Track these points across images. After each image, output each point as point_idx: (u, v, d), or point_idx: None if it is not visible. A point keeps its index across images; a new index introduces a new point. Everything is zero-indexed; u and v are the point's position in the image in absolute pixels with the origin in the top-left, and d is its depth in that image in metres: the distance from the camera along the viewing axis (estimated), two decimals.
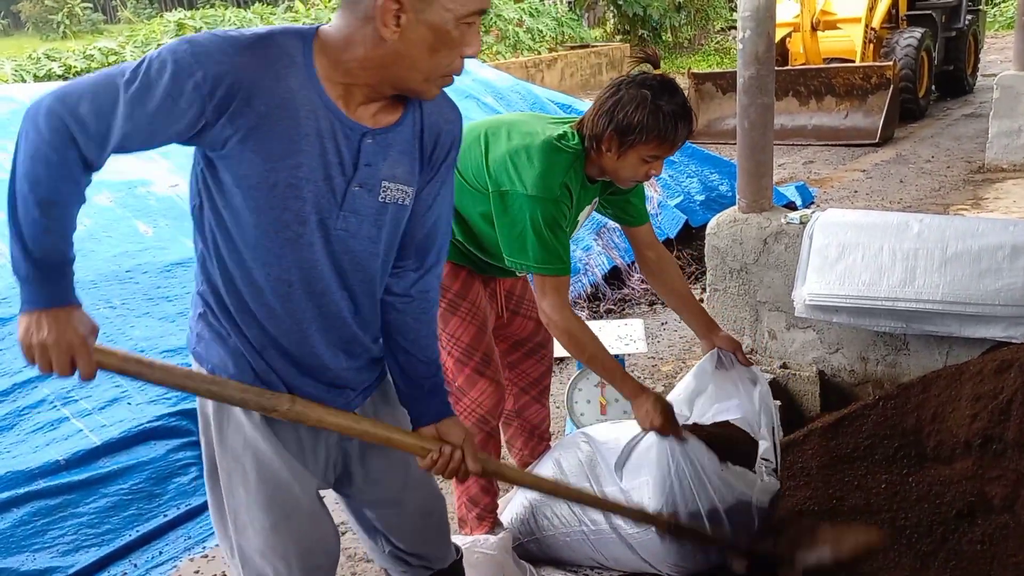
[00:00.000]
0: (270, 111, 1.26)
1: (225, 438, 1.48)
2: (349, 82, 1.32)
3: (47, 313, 1.24)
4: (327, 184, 1.34)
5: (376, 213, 1.41)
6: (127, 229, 3.88)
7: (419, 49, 1.28)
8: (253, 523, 1.49)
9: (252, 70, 1.25)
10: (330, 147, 1.32)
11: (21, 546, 2.57)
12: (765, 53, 2.91)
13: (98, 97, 1.22)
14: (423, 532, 1.73)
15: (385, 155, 1.38)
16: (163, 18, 12.51)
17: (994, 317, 2.46)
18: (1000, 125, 6.74)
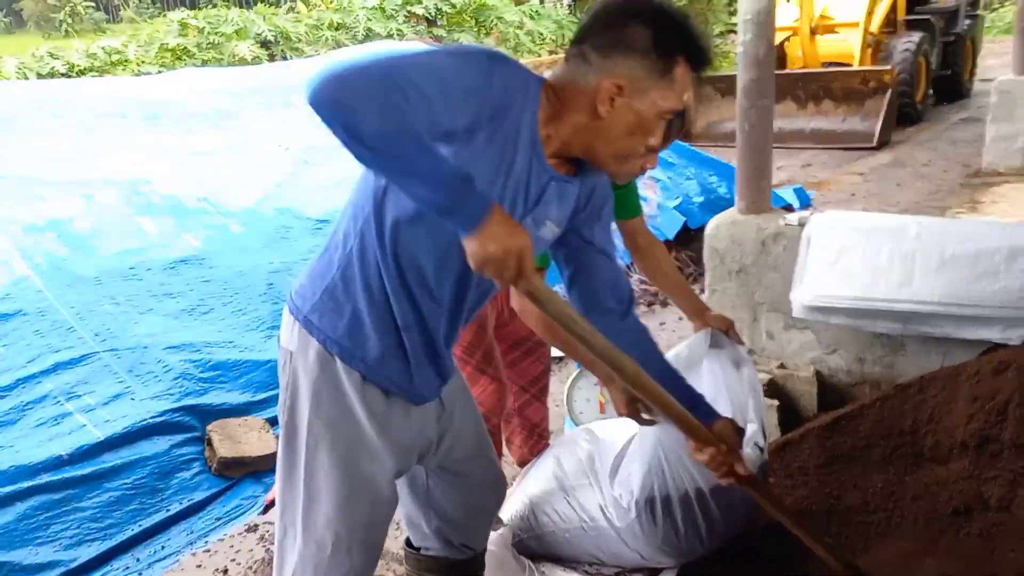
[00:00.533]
0: (507, 135, 1.37)
1: (321, 403, 1.52)
2: (551, 134, 1.45)
3: (488, 224, 1.24)
4: (511, 209, 1.44)
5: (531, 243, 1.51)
6: (131, 226, 3.92)
7: (620, 129, 1.43)
8: (329, 489, 1.54)
9: (515, 95, 1.36)
10: (523, 180, 1.44)
11: (24, 540, 2.60)
12: (765, 56, 2.94)
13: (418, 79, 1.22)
14: (481, 504, 1.81)
15: (559, 201, 1.53)
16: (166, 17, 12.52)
17: (991, 319, 2.48)
18: (997, 129, 6.77)
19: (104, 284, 3.54)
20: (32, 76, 9.17)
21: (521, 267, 1.27)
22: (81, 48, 10.41)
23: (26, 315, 3.35)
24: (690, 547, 2.19)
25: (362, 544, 1.59)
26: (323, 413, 1.52)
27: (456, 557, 1.84)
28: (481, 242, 1.24)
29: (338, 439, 1.53)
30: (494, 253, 1.24)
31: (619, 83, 1.39)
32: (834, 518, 2.28)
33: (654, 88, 1.41)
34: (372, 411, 1.53)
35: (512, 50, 14.98)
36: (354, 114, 1.16)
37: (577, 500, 2.34)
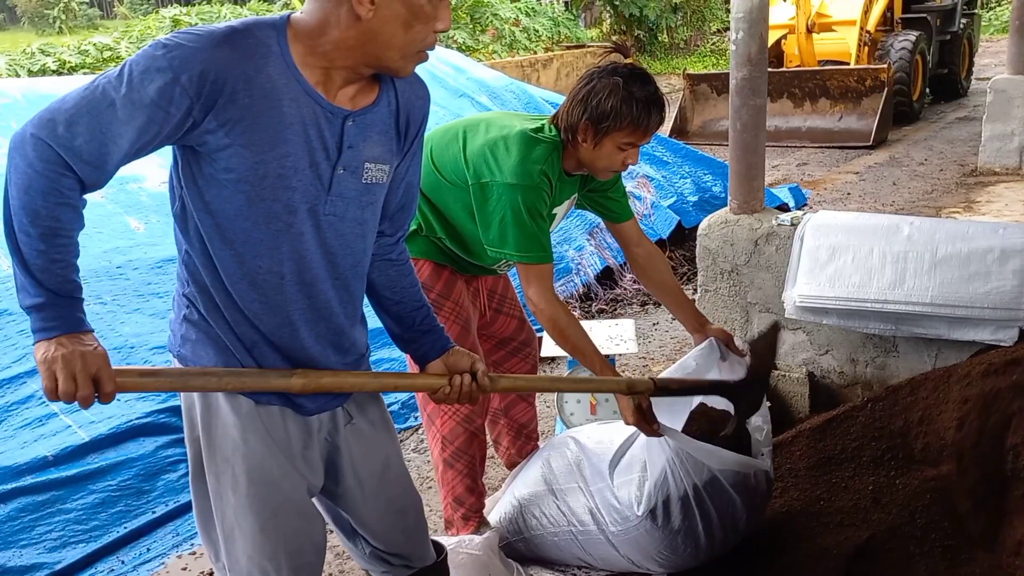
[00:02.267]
0: (254, 103, 1.27)
1: (213, 441, 1.46)
2: (326, 66, 1.34)
3: (67, 336, 1.22)
4: (314, 171, 1.35)
5: (360, 194, 1.43)
6: (118, 225, 3.88)
7: (394, 26, 1.30)
8: (242, 526, 1.48)
9: (233, 64, 1.25)
10: (314, 133, 1.34)
11: (8, 542, 2.57)
12: (758, 55, 2.91)
13: (84, 119, 1.21)
14: (400, 530, 1.72)
15: (366, 136, 1.41)
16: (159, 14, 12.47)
17: (983, 320, 2.47)
18: (993, 129, 6.76)
19: (90, 283, 3.50)
20: (23, 73, 9.13)
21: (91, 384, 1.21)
22: (73, 45, 10.36)
23: (11, 314, 3.32)
24: (684, 560, 2.17)
25: (291, 571, 1.52)
26: (217, 450, 1.46)
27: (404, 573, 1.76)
28: (46, 348, 1.20)
29: (237, 473, 1.46)
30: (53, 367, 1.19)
31: None
32: (823, 520, 2.25)
33: None
34: (270, 433, 1.46)
35: (508, 47, 14.95)
36: (8, 185, 1.20)
37: (567, 503, 2.32)
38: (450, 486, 2.35)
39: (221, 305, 1.41)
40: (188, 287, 1.44)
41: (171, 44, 1.24)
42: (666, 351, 4.00)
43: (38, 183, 1.20)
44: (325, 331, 1.48)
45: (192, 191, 1.35)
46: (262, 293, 1.40)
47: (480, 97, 5.78)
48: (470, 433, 2.31)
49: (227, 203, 1.33)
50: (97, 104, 1.22)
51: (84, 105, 1.22)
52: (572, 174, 2.18)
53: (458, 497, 2.36)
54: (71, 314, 1.24)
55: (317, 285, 1.44)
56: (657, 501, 2.09)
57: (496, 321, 2.49)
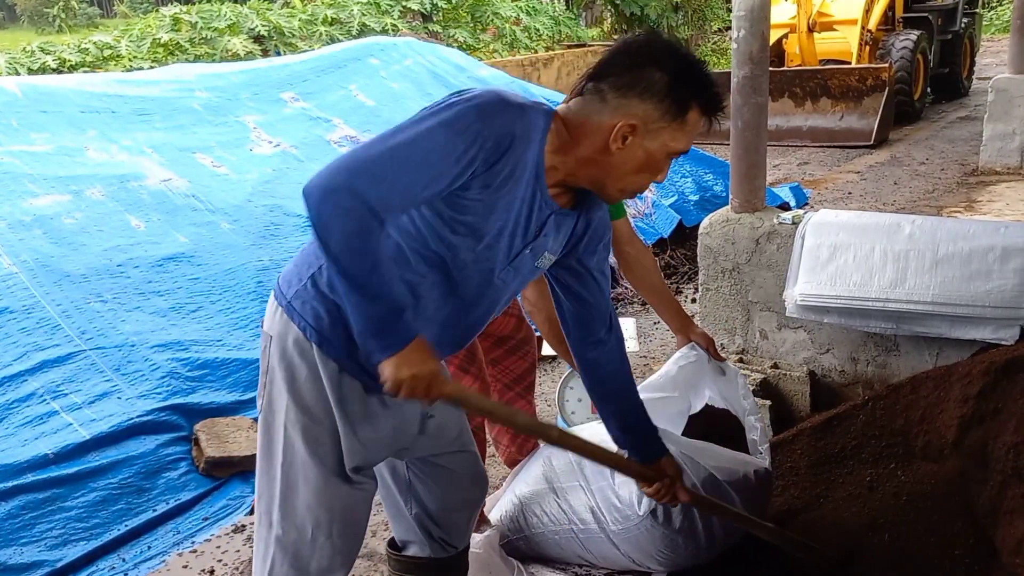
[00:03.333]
0: (508, 176, 1.42)
1: (298, 388, 1.54)
2: (558, 166, 1.50)
3: (408, 350, 1.37)
4: (510, 241, 1.51)
5: (529, 273, 1.61)
6: (119, 223, 3.87)
7: (630, 166, 1.49)
8: (306, 475, 1.56)
9: (512, 139, 1.40)
10: (525, 213, 1.49)
11: (9, 540, 2.57)
12: (759, 53, 2.91)
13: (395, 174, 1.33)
14: (462, 498, 1.82)
15: (558, 232, 1.58)
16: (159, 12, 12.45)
17: (984, 319, 2.47)
18: (994, 128, 6.75)
19: (91, 281, 3.50)
20: (23, 71, 9.11)
21: (429, 389, 1.39)
22: (73, 43, 10.33)
23: (12, 312, 3.31)
24: (685, 558, 2.17)
25: (343, 527, 1.61)
26: (300, 399, 1.55)
27: (438, 555, 1.84)
28: (396, 366, 1.36)
29: (313, 425, 1.55)
30: (405, 378, 1.37)
31: (633, 123, 1.44)
32: (824, 518, 2.25)
33: (667, 130, 1.47)
34: (348, 401, 1.55)
35: (508, 46, 14.94)
36: (327, 230, 1.32)
37: (567, 502, 2.31)
38: None
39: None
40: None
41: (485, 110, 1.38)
42: (667, 350, 3.99)
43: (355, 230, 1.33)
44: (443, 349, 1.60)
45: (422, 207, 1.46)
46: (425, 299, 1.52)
47: None
48: None
49: (430, 227, 1.45)
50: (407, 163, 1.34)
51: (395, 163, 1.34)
52: None
53: None
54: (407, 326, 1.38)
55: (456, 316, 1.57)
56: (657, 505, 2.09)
57: (494, 320, 2.49)
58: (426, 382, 1.38)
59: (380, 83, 5.67)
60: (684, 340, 2.33)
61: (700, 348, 2.30)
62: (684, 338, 2.33)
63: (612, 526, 2.21)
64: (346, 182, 1.31)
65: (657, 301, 2.42)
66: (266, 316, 1.61)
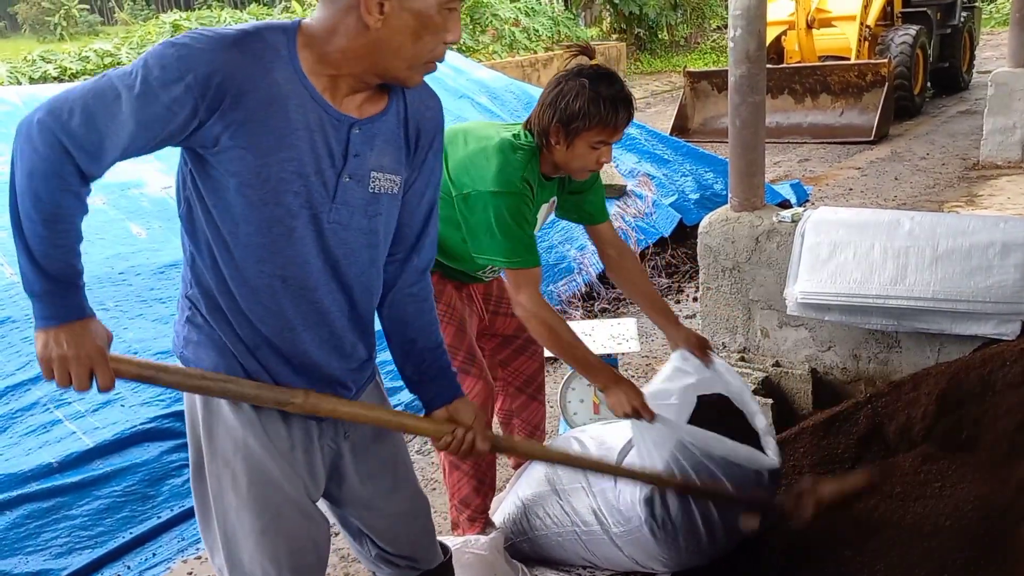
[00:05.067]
0: (259, 106, 1.28)
1: (214, 441, 1.47)
2: (334, 73, 1.34)
3: (64, 328, 1.25)
4: (318, 177, 1.35)
5: (366, 204, 1.42)
6: (120, 231, 3.89)
7: (403, 36, 1.30)
8: (243, 527, 1.48)
9: (241, 67, 1.26)
10: (319, 140, 1.33)
11: (14, 549, 2.57)
12: (756, 51, 2.91)
13: (89, 109, 1.23)
14: (409, 534, 1.72)
15: (372, 145, 1.40)
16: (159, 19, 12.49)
17: (985, 314, 2.46)
18: (995, 122, 6.75)
19: (93, 290, 3.50)
20: (24, 80, 9.15)
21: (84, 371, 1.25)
22: (74, 51, 10.38)
23: (15, 322, 3.32)
24: (687, 558, 2.17)
25: (293, 572, 1.51)
26: (218, 451, 1.47)
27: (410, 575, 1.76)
28: (45, 342, 1.25)
29: (238, 474, 1.46)
30: (54, 356, 1.24)
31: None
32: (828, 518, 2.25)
33: None
34: (269, 435, 1.46)
35: (507, 47, 14.95)
36: (13, 164, 1.22)
37: (570, 503, 2.31)
38: (456, 487, 2.35)
39: (224, 307, 1.41)
40: (192, 289, 1.44)
41: (180, 44, 1.25)
42: (668, 350, 3.99)
43: (40, 167, 1.22)
44: (327, 336, 1.47)
45: (197, 194, 1.36)
46: (264, 296, 1.40)
47: (480, 98, 5.78)
48: None
49: (230, 207, 1.33)
50: (103, 95, 1.24)
51: (91, 95, 1.24)
52: (551, 177, 2.21)
53: (464, 499, 2.36)
54: (72, 301, 1.26)
55: (319, 291, 1.43)
56: (656, 502, 2.09)
57: (496, 322, 2.50)
58: (83, 364, 1.24)
59: None
60: (675, 345, 2.33)
61: (691, 355, 2.28)
62: (675, 342, 2.33)
63: (614, 528, 2.20)
64: (45, 117, 1.22)
65: (644, 302, 2.42)
66: None
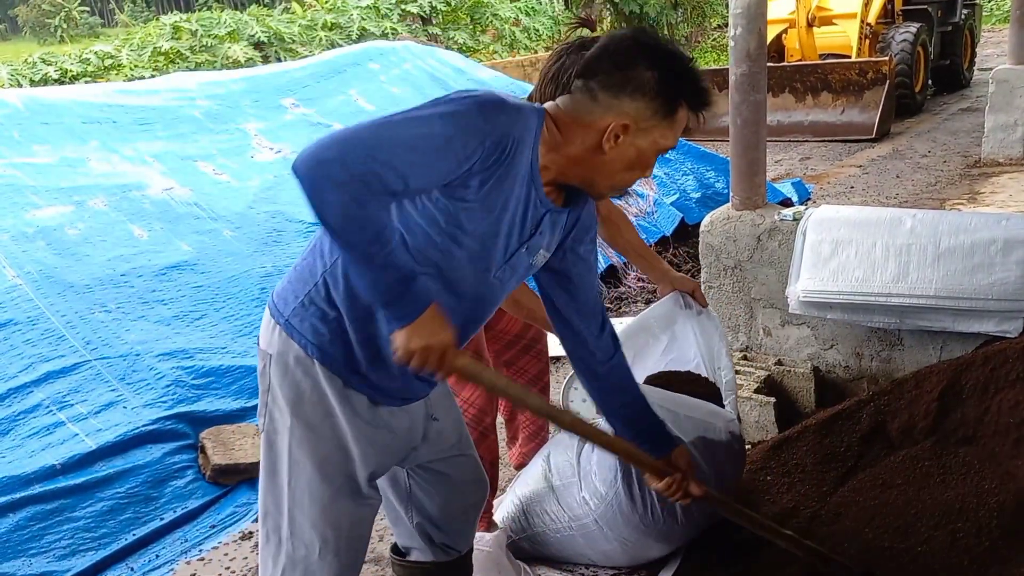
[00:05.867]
0: (503, 177, 1.42)
1: (302, 406, 1.54)
2: (550, 166, 1.50)
3: (422, 320, 1.36)
4: (506, 240, 1.51)
5: (524, 271, 1.61)
6: (122, 233, 3.89)
7: (621, 163, 1.50)
8: (312, 493, 1.56)
9: (516, 136, 1.41)
10: (520, 211, 1.49)
11: (17, 551, 2.58)
12: (757, 50, 2.91)
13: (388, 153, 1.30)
14: (463, 503, 1.83)
15: (552, 230, 1.59)
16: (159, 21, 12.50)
17: (987, 312, 2.46)
18: (996, 119, 6.73)
19: (95, 292, 3.51)
20: (25, 83, 9.16)
21: (442, 361, 1.39)
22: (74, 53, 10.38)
23: (17, 324, 3.33)
24: (668, 528, 2.17)
25: (349, 543, 1.61)
26: (303, 417, 1.54)
27: (440, 559, 1.85)
28: (408, 336, 1.36)
29: (320, 442, 1.55)
30: (417, 347, 1.36)
31: (626, 123, 1.45)
32: (830, 516, 2.25)
33: (657, 128, 1.48)
34: (356, 414, 1.55)
35: (508, 46, 14.95)
36: (323, 203, 1.28)
37: (565, 499, 2.32)
38: None
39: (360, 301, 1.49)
40: (331, 275, 1.50)
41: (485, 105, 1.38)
42: None
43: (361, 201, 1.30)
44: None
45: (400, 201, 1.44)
46: None
47: None
48: (479, 433, 2.32)
49: (425, 228, 1.44)
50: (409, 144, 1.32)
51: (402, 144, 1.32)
52: None
53: None
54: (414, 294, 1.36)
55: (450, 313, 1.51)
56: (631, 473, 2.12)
57: (500, 321, 2.49)
58: (439, 353, 1.38)
59: (380, 88, 5.68)
60: (667, 288, 2.36)
61: (684, 295, 2.34)
62: (666, 286, 2.36)
63: (596, 509, 2.22)
64: (338, 155, 1.27)
65: (633, 254, 2.43)
66: (262, 335, 1.59)
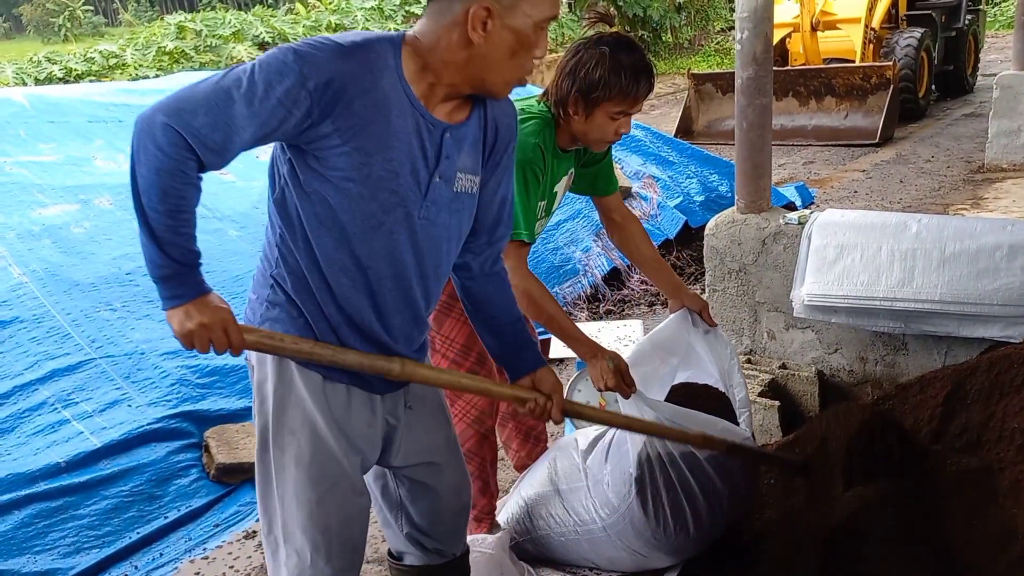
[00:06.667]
0: (367, 111, 1.39)
1: (285, 413, 1.55)
2: (433, 81, 1.46)
3: (194, 302, 1.36)
4: (413, 177, 1.47)
5: (451, 201, 1.55)
6: (127, 231, 3.90)
7: (501, 52, 1.44)
8: (299, 497, 1.56)
9: (354, 75, 1.37)
10: (416, 142, 1.45)
11: (22, 548, 2.58)
12: (763, 54, 2.91)
13: (213, 110, 1.32)
14: (448, 510, 1.81)
15: (460, 148, 1.53)
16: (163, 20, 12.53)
17: (992, 317, 2.46)
18: (999, 125, 6.74)
19: (100, 290, 3.53)
20: (30, 81, 9.18)
21: (226, 336, 1.38)
22: (79, 52, 10.41)
23: (23, 322, 3.34)
24: (680, 543, 2.18)
25: (341, 546, 1.60)
26: (286, 422, 1.55)
27: (435, 562, 1.84)
28: (183, 316, 1.36)
29: (302, 445, 1.55)
30: (194, 325, 1.36)
31: (486, 5, 1.39)
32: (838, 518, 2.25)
33: (523, 1, 1.41)
34: (333, 411, 1.56)
35: None
36: (137, 161, 1.32)
37: (571, 504, 2.33)
38: None
39: (313, 287, 1.50)
40: (277, 268, 1.53)
41: (301, 51, 1.36)
42: None
43: (167, 165, 1.31)
44: (410, 319, 1.59)
45: (295, 181, 1.45)
46: (355, 279, 1.50)
47: None
48: (480, 435, 2.32)
49: (330, 197, 1.43)
50: (226, 97, 1.33)
51: (213, 97, 1.33)
52: (567, 150, 2.18)
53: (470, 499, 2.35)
54: (194, 280, 1.37)
55: (405, 280, 1.54)
56: (646, 479, 2.12)
57: None
58: (220, 329, 1.37)
59: None
60: (677, 304, 2.35)
61: (692, 313, 2.33)
62: (677, 302, 2.35)
63: (607, 518, 2.22)
64: (169, 118, 1.30)
65: (647, 265, 2.43)
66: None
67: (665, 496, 2.13)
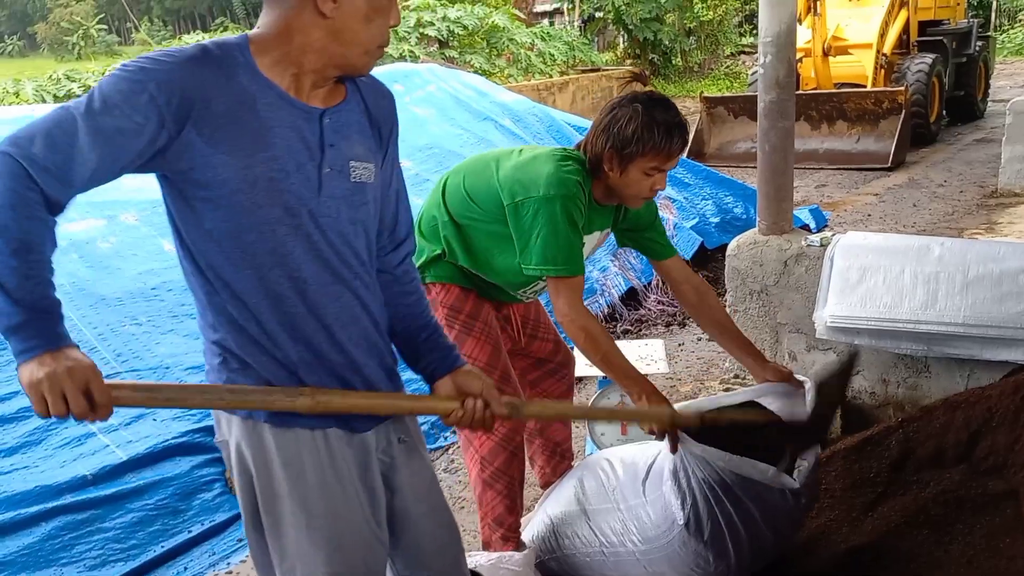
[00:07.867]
0: (230, 109, 1.31)
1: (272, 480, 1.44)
2: (296, 72, 1.37)
3: (51, 353, 1.17)
4: (301, 172, 1.37)
5: (351, 194, 1.44)
6: (152, 247, 3.94)
7: (356, 21, 1.35)
8: (305, 563, 1.45)
9: (202, 76, 1.29)
10: (294, 135, 1.36)
11: (49, 560, 2.59)
12: (786, 78, 2.95)
13: (50, 133, 1.22)
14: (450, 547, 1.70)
15: (345, 135, 1.43)
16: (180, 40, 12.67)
17: (1016, 340, 2.48)
18: (1013, 150, 6.77)
19: (126, 305, 3.56)
20: (49, 98, 9.29)
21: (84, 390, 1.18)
22: (97, 70, 10.53)
23: None
24: (718, 572, 2.17)
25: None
26: (274, 489, 1.44)
27: None
28: (32, 369, 1.16)
29: (296, 510, 1.44)
30: (42, 376, 1.16)
31: None
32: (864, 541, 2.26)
33: None
34: (322, 463, 1.45)
35: (523, 71, 15.08)
36: None
37: (598, 524, 2.32)
38: (489, 506, 2.36)
39: (255, 335, 1.39)
40: (217, 333, 1.41)
41: (137, 65, 1.28)
42: (693, 371, 4.01)
43: (5, 197, 1.19)
44: (363, 331, 1.48)
45: (194, 221, 1.35)
46: (289, 304, 1.39)
47: (503, 120, 5.84)
48: (510, 452, 2.33)
49: (226, 222, 1.34)
50: (64, 119, 1.24)
51: (51, 121, 1.24)
52: (603, 204, 2.21)
53: (497, 518, 2.36)
54: (50, 329, 1.19)
55: (338, 286, 1.44)
56: (690, 514, 2.10)
57: (532, 345, 2.52)
58: (79, 379, 1.17)
59: (404, 108, 5.74)
60: (760, 380, 2.26)
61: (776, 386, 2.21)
62: (760, 380, 2.26)
63: (642, 546, 2.21)
64: (6, 147, 1.20)
65: (727, 340, 2.33)
66: (215, 425, 1.52)
67: (708, 532, 2.07)
